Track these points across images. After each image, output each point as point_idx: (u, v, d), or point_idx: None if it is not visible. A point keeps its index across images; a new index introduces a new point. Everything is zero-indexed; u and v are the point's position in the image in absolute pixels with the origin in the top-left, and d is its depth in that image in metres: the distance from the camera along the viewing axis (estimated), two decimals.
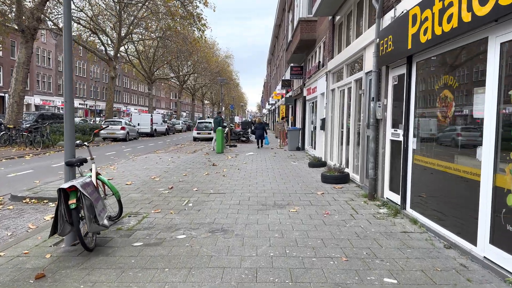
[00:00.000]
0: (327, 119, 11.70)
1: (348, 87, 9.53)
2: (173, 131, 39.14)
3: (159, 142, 24.95)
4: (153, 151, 17.79)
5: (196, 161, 12.91)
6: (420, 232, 4.87)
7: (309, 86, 15.89)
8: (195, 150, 17.73)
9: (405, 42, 5.40)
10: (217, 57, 58.45)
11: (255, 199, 6.87)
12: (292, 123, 21.47)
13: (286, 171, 10.45)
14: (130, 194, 7.33)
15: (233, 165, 11.92)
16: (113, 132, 24.38)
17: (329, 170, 8.63)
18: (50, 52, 50.74)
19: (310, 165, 11.27)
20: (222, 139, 16.11)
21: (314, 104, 15.44)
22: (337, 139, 10.65)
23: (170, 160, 13.39)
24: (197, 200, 6.80)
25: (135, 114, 31.76)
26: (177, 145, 22.14)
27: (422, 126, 5.34)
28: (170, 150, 18.26)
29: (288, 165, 11.97)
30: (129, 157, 14.60)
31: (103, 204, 4.35)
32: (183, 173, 10.00)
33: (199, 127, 26.68)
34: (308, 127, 16.94)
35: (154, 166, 11.60)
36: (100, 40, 33.30)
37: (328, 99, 11.62)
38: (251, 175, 9.70)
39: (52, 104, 51.34)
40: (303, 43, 14.75)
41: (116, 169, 11.10)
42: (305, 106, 17.18)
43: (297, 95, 19.85)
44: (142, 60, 45.74)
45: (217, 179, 9.05)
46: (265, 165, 11.96)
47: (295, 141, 17.47)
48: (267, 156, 14.88)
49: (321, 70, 12.69)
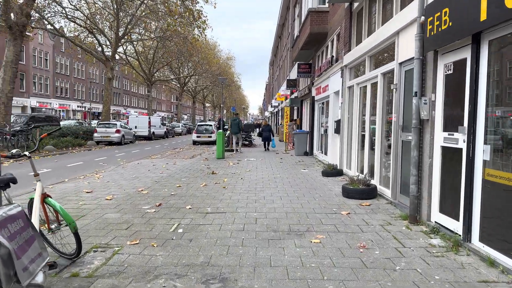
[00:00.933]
0: (343, 120, 10.21)
1: (372, 82, 8.04)
2: (172, 134, 37.70)
3: (157, 146, 23.48)
4: (148, 156, 16.32)
5: (194, 169, 11.43)
6: (507, 282, 3.36)
7: (318, 85, 14.41)
8: (194, 155, 16.25)
9: (475, 12, 3.92)
10: (218, 58, 57.06)
11: (263, 221, 5.38)
12: (298, 126, 20.00)
13: (297, 181, 8.94)
14: (107, 214, 5.84)
15: (235, 173, 10.43)
16: (107, 136, 22.93)
17: (352, 182, 7.13)
18: (47, 53, 49.50)
19: (324, 174, 9.77)
20: (222, 144, 14.64)
21: (324, 105, 13.95)
22: (357, 144, 9.15)
23: (164, 167, 11.90)
24: (190, 223, 5.30)
25: (132, 117, 30.34)
26: (175, 149, 20.68)
27: (500, 129, 3.84)
28: (167, 155, 16.79)
29: (297, 173, 10.47)
30: (120, 164, 13.13)
31: (39, 247, 2.87)
32: (177, 184, 8.51)
33: (199, 130, 25.25)
34: (317, 130, 15.45)
35: (145, 175, 10.11)
36: (97, 40, 31.95)
37: (344, 98, 10.13)
38: (257, 187, 8.20)
39: (49, 106, 50.03)
40: (313, 37, 13.28)
41: (100, 178, 9.63)
42: (314, 107, 15.70)
43: (304, 96, 18.38)
44: (142, 61, 44.46)
45: (216, 192, 7.55)
46: (271, 173, 10.46)
47: (303, 145, 15.98)
48: (273, 162, 13.39)
49: (335, 66, 11.22)
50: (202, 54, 43.75)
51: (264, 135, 18.73)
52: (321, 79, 13.74)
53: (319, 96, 14.35)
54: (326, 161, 13.04)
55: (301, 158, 14.73)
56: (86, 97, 59.84)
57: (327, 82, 12.56)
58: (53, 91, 51.01)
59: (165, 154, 17.35)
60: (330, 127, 11.83)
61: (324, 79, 13.07)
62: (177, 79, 54.58)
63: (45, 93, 49.29)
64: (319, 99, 14.66)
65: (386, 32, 6.87)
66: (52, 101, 50.73)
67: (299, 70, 15.47)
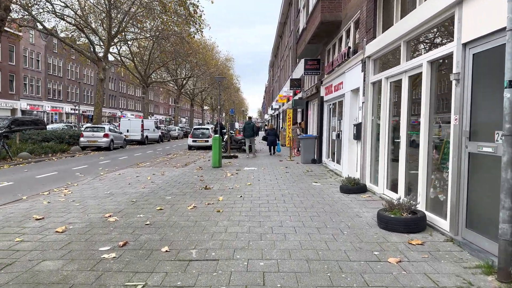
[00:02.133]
0: (365, 124, 8.36)
1: (412, 74, 6.20)
2: (168, 138, 35.80)
3: (148, 152, 21.58)
4: (135, 164, 14.44)
5: (184, 181, 9.55)
6: None
7: (329, 83, 12.57)
8: (187, 163, 14.37)
9: None
10: (217, 60, 55.21)
11: (275, 280, 3.50)
12: (302, 129, 18.14)
13: (312, 201, 7.07)
14: (44, 262, 3.97)
15: (233, 188, 8.54)
16: (94, 140, 21.03)
17: (391, 208, 5.26)
18: (39, 53, 47.70)
19: (343, 190, 7.90)
20: (219, 150, 12.77)
21: (336, 105, 12.11)
22: (386, 153, 7.29)
23: (149, 179, 10.02)
24: (162, 283, 3.43)
25: (124, 120, 28.46)
26: (168, 155, 18.82)
27: None
28: (157, 162, 14.90)
29: (309, 187, 8.60)
30: (99, 174, 11.24)
31: None
32: (158, 207, 6.62)
33: (195, 134, 23.42)
34: (327, 134, 13.60)
35: (122, 191, 8.24)
36: (88, 38, 30.16)
37: (367, 96, 8.28)
38: (261, 210, 6.32)
39: (41, 109, 48.17)
40: (324, 27, 11.46)
41: (67, 195, 7.75)
42: (322, 109, 13.85)
43: (310, 96, 16.54)
44: (137, 62, 42.67)
45: (207, 220, 5.67)
46: (277, 187, 8.58)
47: (310, 152, 14.11)
48: (278, 172, 11.52)
49: (353, 59, 9.38)
50: (200, 54, 41.97)
51: (270, 139, 18.34)
52: (332, 76, 11.90)
53: (330, 96, 12.51)
54: (339, 171, 11.18)
55: (309, 167, 12.85)
56: (80, 100, 57.98)
57: (342, 78, 10.71)
58: (45, 93, 49.15)
59: (155, 161, 15.47)
60: (346, 132, 9.97)
61: (337, 76, 11.23)
62: (174, 81, 52.74)
63: (37, 95, 47.45)
64: (329, 99, 12.81)
65: (439, 3, 5.03)
66: (44, 104, 48.88)
67: (306, 67, 13.63)
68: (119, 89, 71.68)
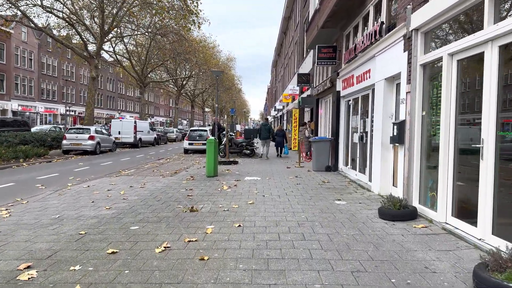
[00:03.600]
0: (411, 122, 6.06)
1: (505, 43, 3.93)
2: (165, 141, 33.51)
3: (139, 156, 19.33)
4: (117, 171, 12.18)
5: (165, 198, 7.27)
6: None
7: (349, 74, 10.30)
8: (178, 170, 12.10)
9: None
10: (218, 59, 52.89)
11: None
12: (312, 131, 15.87)
13: (346, 237, 4.76)
14: None
15: (229, 210, 6.26)
16: (78, 143, 18.78)
17: (499, 266, 2.98)
18: (31, 52, 45.66)
19: (383, 215, 5.59)
20: (215, 156, 10.49)
21: (358, 101, 9.84)
22: (451, 165, 4.98)
23: (122, 194, 7.75)
24: None
25: (115, 121, 26.24)
26: (159, 160, 16.57)
27: None
28: (144, 169, 12.64)
29: (333, 209, 6.31)
30: (65, 186, 8.98)
31: None
32: (111, 247, 4.33)
33: (192, 137, 21.18)
34: (345, 137, 11.32)
35: (78, 214, 5.98)
36: (78, 34, 28.02)
37: (415, 84, 5.98)
38: (270, 258, 4.02)
39: (33, 110, 46.12)
40: (343, 3, 9.19)
41: (1, 219, 5.51)
42: (339, 106, 11.58)
43: (321, 93, 14.25)
44: (134, 61, 40.57)
45: (180, 282, 3.40)
46: (290, 209, 6.30)
47: (324, 157, 11.81)
48: (287, 183, 9.23)
49: (388, 37, 7.11)
50: (200, 53, 39.78)
51: (277, 140, 17.80)
52: (354, 65, 9.63)
53: (350, 90, 10.24)
54: (364, 182, 8.89)
55: (323, 176, 10.56)
56: (76, 101, 56.04)
57: (369, 65, 8.44)
58: (38, 94, 47.07)
59: (142, 168, 13.21)
60: (377, 133, 7.67)
61: (362, 64, 8.96)
62: (174, 81, 50.54)
63: (29, 95, 45.37)
64: (348, 93, 10.54)
65: None
66: (37, 105, 46.82)
67: (319, 56, 11.35)
68: (118, 90, 69.63)
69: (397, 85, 7.18)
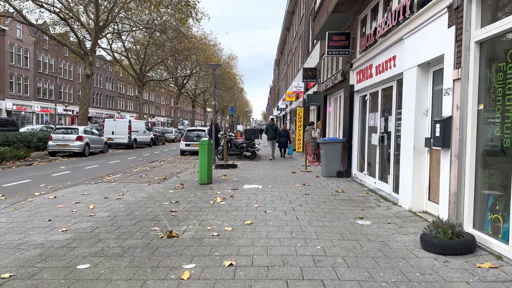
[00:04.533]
0: (464, 119, 4.53)
1: None
2: (162, 141, 31.97)
3: (130, 158, 17.86)
4: (100, 176, 10.73)
5: (140, 216, 5.78)
6: None
7: (366, 64, 8.78)
8: (168, 176, 10.63)
9: None
10: (219, 58, 51.32)
11: None
12: (320, 131, 14.35)
13: (383, 283, 3.28)
14: None
15: (219, 234, 4.76)
16: (65, 144, 17.33)
17: None
18: (27, 50, 44.39)
19: (429, 246, 4.07)
20: (209, 160, 8.99)
21: (378, 96, 8.33)
22: None
23: (90, 209, 6.26)
24: None
25: (109, 121, 24.80)
26: (152, 163, 15.13)
27: None
28: (131, 174, 11.19)
29: (356, 233, 4.81)
30: (31, 195, 7.51)
31: None
32: None
33: (189, 137, 19.73)
34: (360, 137, 9.81)
35: (21, 238, 4.50)
36: (72, 29, 26.66)
37: (467, 69, 4.46)
38: None
39: (29, 110, 44.84)
40: None
41: None
42: (352, 102, 10.07)
43: (330, 88, 12.75)
44: (132, 58, 39.21)
45: None
46: (300, 234, 4.80)
47: (335, 161, 10.30)
48: (293, 193, 7.73)
49: (424, 12, 5.59)
50: (200, 51, 38.32)
51: (282, 140, 17.39)
52: (373, 53, 8.12)
53: (367, 83, 8.73)
54: (386, 192, 7.39)
55: (336, 184, 9.05)
56: (74, 100, 54.73)
57: (394, 51, 6.93)
58: (34, 93, 45.78)
59: (130, 172, 11.75)
60: (408, 134, 6.15)
61: (384, 50, 7.45)
62: (175, 80, 49.05)
63: (25, 94, 44.11)
64: (365, 87, 9.03)
65: None
66: (32, 104, 45.54)
67: (330, 44, 9.84)
68: (117, 89, 68.34)
69: (435, 73, 5.68)
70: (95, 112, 58.30)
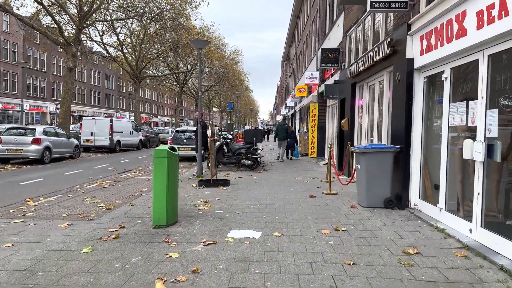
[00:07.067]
0: None
1: None
2: (156, 143, 28.15)
3: (99, 167, 14.09)
4: (13, 203, 6.99)
5: None
6: None
7: (444, 17, 4.90)
8: (113, 205, 6.81)
9: None
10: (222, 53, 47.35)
11: None
12: (343, 134, 10.48)
13: None
14: None
15: None
16: (18, 149, 13.66)
17: None
18: (15, 44, 41.14)
19: None
20: (172, 183, 5.16)
21: (468, 74, 4.43)
22: None
23: None
24: None
25: (87, 120, 21.15)
26: (122, 174, 11.44)
27: None
28: (77, 194, 7.41)
29: None
30: None
31: None
32: None
33: (178, 139, 16.12)
34: (430, 145, 5.92)
35: None
36: (50, 14, 23.19)
37: None
38: None
39: (16, 108, 41.53)
40: None
41: None
42: (411, 87, 6.18)
43: (363, 72, 8.86)
44: (128, 54, 35.60)
45: None
46: None
47: (382, 182, 6.41)
48: (324, 263, 3.92)
49: None
50: None
51: (288, 142, 16.12)
52: None
53: (444, 52, 4.83)
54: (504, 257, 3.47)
55: (391, 227, 5.19)
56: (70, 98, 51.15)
57: None
58: (23, 90, 42.39)
59: (78, 190, 8.00)
60: None
61: None
62: (176, 76, 45.22)
63: (12, 92, 40.93)
64: (439, 60, 5.13)
65: None
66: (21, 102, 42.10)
67: None
68: (117, 88, 64.96)
69: None
70: (94, 112, 55.02)
